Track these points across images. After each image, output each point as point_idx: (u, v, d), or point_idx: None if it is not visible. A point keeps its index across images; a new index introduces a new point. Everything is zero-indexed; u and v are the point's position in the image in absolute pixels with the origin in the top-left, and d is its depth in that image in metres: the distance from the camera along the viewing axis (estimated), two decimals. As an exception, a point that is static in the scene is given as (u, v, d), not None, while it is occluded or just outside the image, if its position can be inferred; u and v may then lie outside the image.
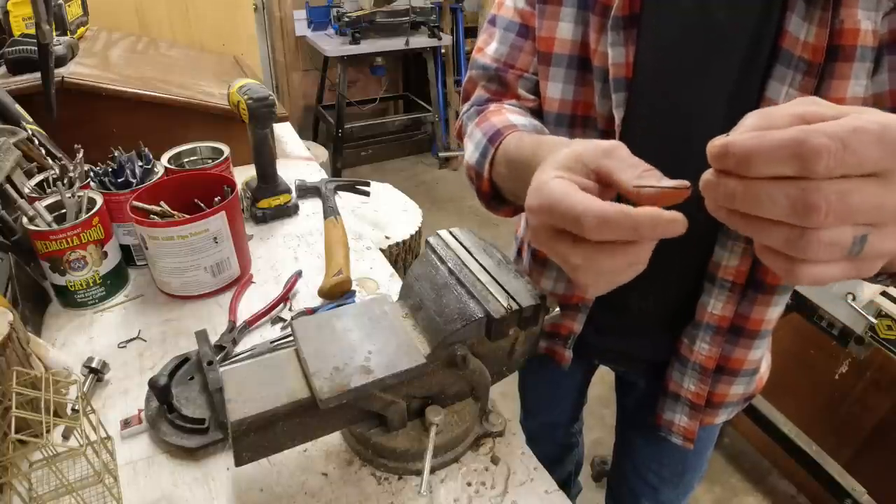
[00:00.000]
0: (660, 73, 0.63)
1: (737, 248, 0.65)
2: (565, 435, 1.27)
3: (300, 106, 3.90)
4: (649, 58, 0.63)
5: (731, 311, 0.70)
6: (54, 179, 0.88)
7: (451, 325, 0.55)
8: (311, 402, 0.53)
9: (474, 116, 0.72)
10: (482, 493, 0.61)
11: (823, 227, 0.27)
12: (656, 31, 0.62)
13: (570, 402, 1.17)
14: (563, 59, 0.67)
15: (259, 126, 1.00)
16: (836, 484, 1.53)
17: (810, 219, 0.27)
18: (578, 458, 1.37)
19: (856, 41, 0.53)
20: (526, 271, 0.89)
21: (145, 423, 0.67)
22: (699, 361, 0.74)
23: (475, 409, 0.66)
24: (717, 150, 0.29)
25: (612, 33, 0.62)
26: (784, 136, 0.27)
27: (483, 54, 0.74)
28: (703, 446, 0.92)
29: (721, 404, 0.80)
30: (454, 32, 3.87)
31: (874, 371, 1.51)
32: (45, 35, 0.90)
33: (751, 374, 0.78)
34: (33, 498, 0.56)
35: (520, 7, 0.71)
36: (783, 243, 0.29)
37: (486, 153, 0.65)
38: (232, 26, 1.85)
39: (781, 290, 0.69)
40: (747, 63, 0.59)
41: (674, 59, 0.62)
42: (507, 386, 0.73)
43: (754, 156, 0.28)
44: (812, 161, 0.26)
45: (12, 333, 0.61)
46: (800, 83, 0.55)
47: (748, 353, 0.74)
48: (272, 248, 1.03)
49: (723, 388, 0.78)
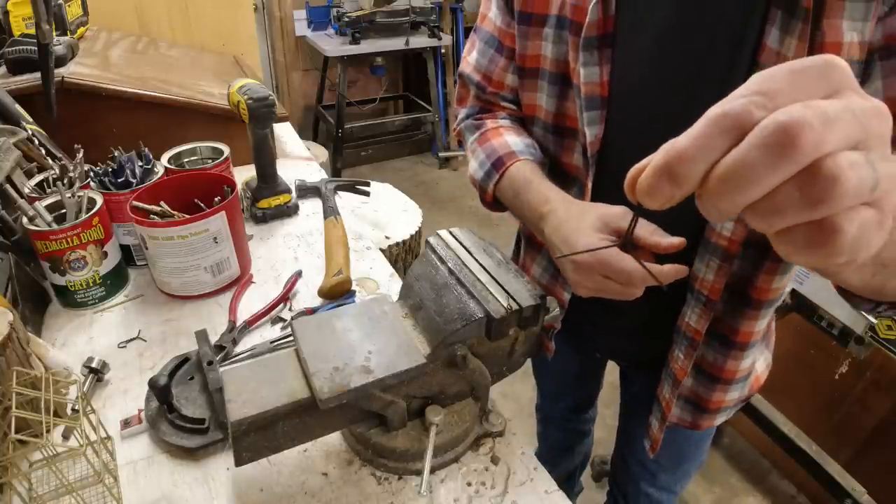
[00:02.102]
0: (636, 91, 0.64)
1: (713, 263, 0.65)
2: (579, 421, 1.29)
3: (300, 106, 3.90)
4: (626, 75, 0.63)
5: (703, 326, 0.69)
6: (54, 179, 0.88)
7: (451, 325, 0.56)
8: (311, 402, 0.53)
9: (473, 131, 0.80)
10: (482, 493, 0.61)
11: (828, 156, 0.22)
12: (632, 49, 0.62)
13: (581, 388, 1.20)
14: (547, 74, 0.70)
15: (259, 126, 1.00)
16: (836, 484, 1.53)
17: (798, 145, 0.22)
18: (587, 449, 1.38)
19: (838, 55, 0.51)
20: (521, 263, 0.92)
21: (145, 423, 0.67)
22: (674, 370, 0.75)
23: (475, 409, 0.66)
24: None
25: (583, 53, 0.63)
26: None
27: (467, 63, 0.81)
28: (700, 437, 0.94)
29: (718, 410, 0.80)
30: (454, 32, 3.87)
31: (874, 371, 1.51)
32: (45, 35, 0.90)
33: (744, 380, 0.78)
34: (33, 498, 0.56)
35: (498, 25, 0.74)
36: (797, 202, 0.23)
37: (491, 176, 0.74)
38: (232, 26, 1.85)
39: (766, 304, 0.70)
40: (725, 78, 0.57)
41: (651, 77, 0.63)
42: (507, 386, 0.73)
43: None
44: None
45: (12, 333, 0.61)
46: None
47: (739, 364, 0.75)
48: (272, 248, 1.03)
49: (718, 396, 0.78)
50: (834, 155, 0.22)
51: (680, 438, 0.88)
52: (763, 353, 0.83)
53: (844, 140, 0.22)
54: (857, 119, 0.23)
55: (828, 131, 0.22)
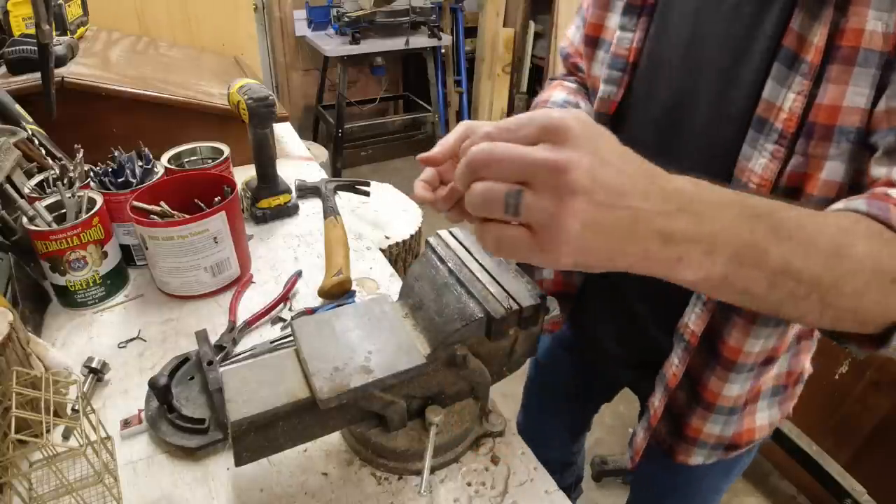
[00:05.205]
0: (663, 63, 0.65)
1: (697, 307, 0.65)
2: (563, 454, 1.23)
3: (300, 106, 3.90)
4: (656, 46, 0.66)
5: (700, 329, 0.66)
6: (54, 179, 0.88)
7: (451, 325, 0.55)
8: (311, 402, 0.53)
9: (544, 87, 0.89)
10: (482, 493, 0.61)
11: (483, 177, 0.35)
12: (667, 23, 0.65)
13: (572, 406, 1.14)
14: (606, 44, 0.73)
15: (259, 126, 1.00)
16: (836, 484, 1.54)
17: (472, 173, 0.35)
18: (578, 473, 1.31)
19: (858, 42, 0.49)
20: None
21: (145, 423, 0.67)
22: (666, 376, 0.71)
23: (475, 409, 0.66)
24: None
25: (622, 17, 0.67)
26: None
27: (565, 37, 0.88)
28: (691, 490, 0.88)
29: (694, 441, 0.75)
30: (454, 32, 3.87)
31: (874, 371, 1.51)
32: (45, 35, 0.90)
33: (727, 413, 0.72)
34: (33, 498, 0.56)
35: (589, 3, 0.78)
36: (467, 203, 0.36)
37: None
38: (232, 26, 1.85)
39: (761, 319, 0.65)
40: (740, 59, 0.57)
41: (675, 52, 0.64)
42: (507, 386, 0.73)
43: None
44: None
45: (12, 333, 0.61)
46: (799, 85, 0.52)
47: (722, 387, 0.69)
48: (272, 248, 1.03)
49: (696, 422, 0.73)
50: (485, 178, 0.35)
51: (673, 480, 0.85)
52: (770, 409, 0.75)
53: (505, 176, 0.34)
54: (524, 165, 0.33)
55: (490, 167, 0.34)
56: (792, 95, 0.53)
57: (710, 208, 0.36)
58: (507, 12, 3.76)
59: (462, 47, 3.89)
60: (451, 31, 3.84)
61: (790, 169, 0.55)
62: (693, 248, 0.36)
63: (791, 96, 0.53)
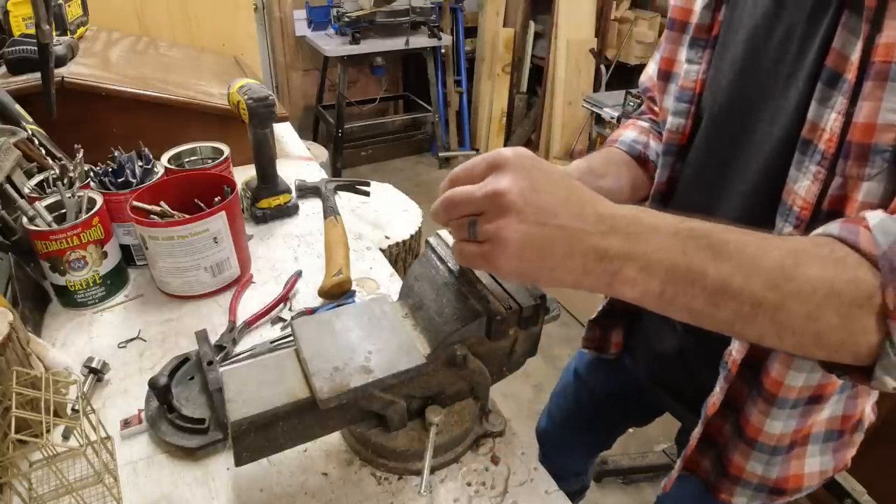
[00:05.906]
0: (722, 89, 0.66)
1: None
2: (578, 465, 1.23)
3: (300, 106, 3.90)
4: (717, 75, 0.67)
5: (741, 355, 0.64)
6: (54, 179, 0.88)
7: (451, 325, 0.55)
8: (310, 402, 0.53)
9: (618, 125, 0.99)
10: (482, 493, 0.61)
11: (451, 217, 0.45)
12: (726, 50, 0.66)
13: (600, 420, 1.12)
14: (676, 77, 0.73)
15: (259, 126, 1.00)
16: (836, 484, 1.53)
17: (444, 213, 0.46)
18: (585, 482, 1.30)
19: (890, 57, 0.47)
20: None
21: (145, 423, 0.67)
22: (707, 406, 0.70)
23: (475, 409, 0.66)
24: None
25: (689, 51, 0.69)
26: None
27: (645, 72, 0.88)
28: None
29: (737, 479, 0.71)
30: (454, 32, 3.87)
31: (874, 371, 1.51)
32: (45, 35, 0.90)
33: (770, 452, 0.68)
34: (33, 498, 0.56)
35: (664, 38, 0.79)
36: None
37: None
38: (232, 26, 1.85)
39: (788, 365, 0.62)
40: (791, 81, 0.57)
41: (733, 78, 0.65)
42: (507, 386, 0.73)
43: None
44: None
45: (12, 333, 0.61)
46: (839, 104, 0.51)
47: (764, 421, 0.66)
48: (272, 248, 1.03)
49: (738, 458, 0.70)
50: (452, 216, 0.45)
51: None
52: (822, 455, 0.72)
53: (466, 212, 0.44)
54: (474, 201, 0.43)
55: (456, 208, 0.44)
56: (833, 115, 0.51)
57: (644, 230, 0.41)
58: (507, 12, 3.76)
59: (462, 47, 3.89)
60: (451, 30, 3.84)
61: (831, 191, 0.54)
62: (628, 264, 0.41)
63: (833, 116, 0.52)
